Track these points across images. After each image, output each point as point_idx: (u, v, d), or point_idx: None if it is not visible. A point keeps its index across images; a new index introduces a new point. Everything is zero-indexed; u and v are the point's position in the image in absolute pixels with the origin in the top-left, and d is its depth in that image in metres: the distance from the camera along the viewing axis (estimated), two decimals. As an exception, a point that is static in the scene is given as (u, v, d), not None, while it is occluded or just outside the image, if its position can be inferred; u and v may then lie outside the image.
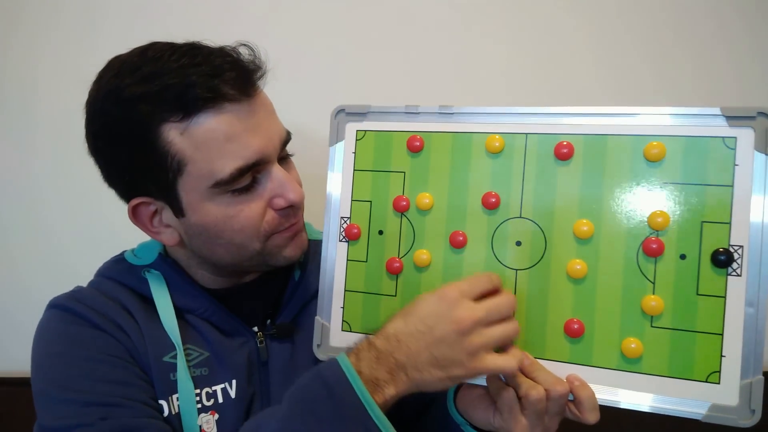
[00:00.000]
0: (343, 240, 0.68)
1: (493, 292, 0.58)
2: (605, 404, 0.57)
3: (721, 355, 0.55)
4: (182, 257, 0.71)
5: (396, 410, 0.78)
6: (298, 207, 0.66)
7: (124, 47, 0.64)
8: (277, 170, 0.64)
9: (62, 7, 1.14)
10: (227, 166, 0.59)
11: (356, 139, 0.68)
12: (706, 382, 0.55)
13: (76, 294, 0.68)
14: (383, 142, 0.67)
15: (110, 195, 0.67)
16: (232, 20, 1.12)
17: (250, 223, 0.63)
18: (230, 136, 0.59)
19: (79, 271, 0.77)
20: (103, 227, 1.15)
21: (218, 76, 0.58)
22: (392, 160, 0.66)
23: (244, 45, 0.64)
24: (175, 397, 0.64)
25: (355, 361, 0.54)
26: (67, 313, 0.65)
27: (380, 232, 0.66)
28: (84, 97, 0.64)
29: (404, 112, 0.66)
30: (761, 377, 0.53)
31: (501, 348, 0.57)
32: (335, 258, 0.68)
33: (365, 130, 0.68)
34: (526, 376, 0.57)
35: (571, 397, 0.57)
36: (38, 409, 0.61)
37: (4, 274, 1.18)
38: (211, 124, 0.59)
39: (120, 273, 0.70)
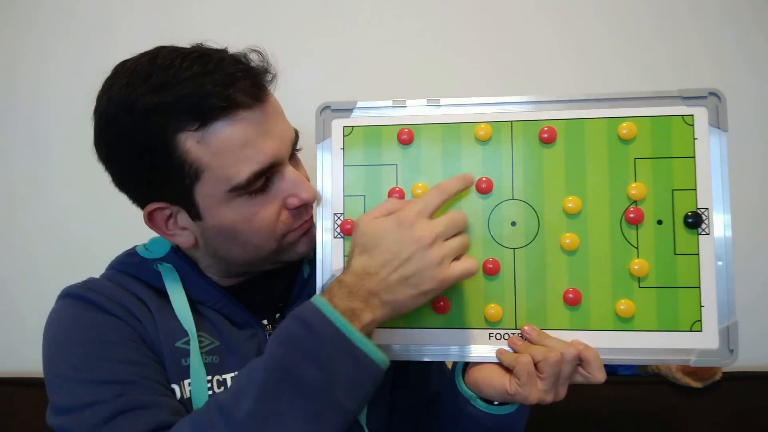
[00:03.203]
0: (339, 236, 0.68)
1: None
2: (607, 363, 0.62)
3: (701, 306, 0.62)
4: (194, 256, 0.73)
5: (404, 406, 0.79)
6: (311, 204, 0.67)
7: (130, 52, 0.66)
8: (289, 171, 0.66)
9: (74, 12, 1.21)
10: (244, 171, 0.61)
11: (344, 135, 0.68)
12: (691, 331, 0.62)
13: (89, 283, 0.68)
14: (372, 137, 0.68)
15: (124, 198, 0.68)
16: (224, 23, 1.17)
17: (266, 224, 0.65)
18: (245, 142, 0.61)
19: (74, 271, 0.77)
20: (112, 229, 1.19)
21: (232, 84, 0.60)
22: (383, 153, 0.68)
23: (255, 51, 0.65)
24: (186, 382, 0.65)
25: (329, 298, 0.56)
26: (80, 301, 0.66)
27: (377, 225, 0.67)
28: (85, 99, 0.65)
29: (392, 107, 0.68)
30: (736, 321, 0.61)
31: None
32: (331, 255, 0.67)
33: (353, 126, 0.68)
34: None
35: (578, 361, 0.61)
36: (51, 393, 0.62)
37: (6, 275, 1.22)
38: (227, 132, 0.60)
39: (132, 266, 0.71)
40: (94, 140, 0.64)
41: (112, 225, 1.18)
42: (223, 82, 0.59)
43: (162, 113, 0.59)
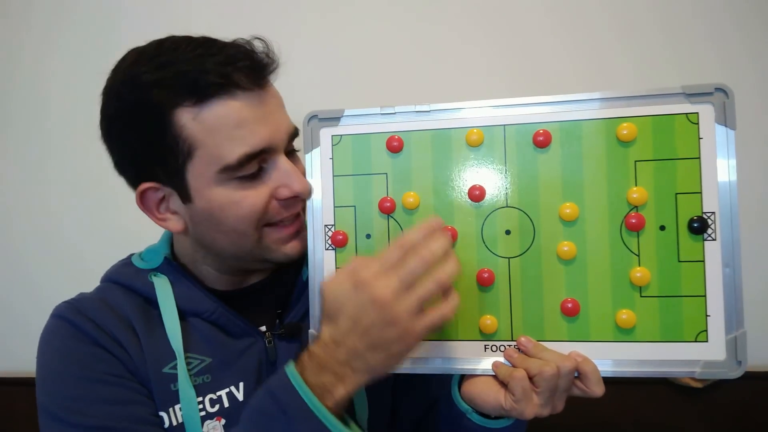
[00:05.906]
0: (330, 248, 0.67)
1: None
2: (607, 375, 0.60)
3: (706, 315, 0.59)
4: (188, 250, 0.72)
5: (405, 411, 0.79)
6: (303, 199, 0.66)
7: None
8: (283, 161, 0.65)
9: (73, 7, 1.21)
10: (235, 152, 0.61)
11: (332, 145, 0.67)
12: (696, 341, 0.59)
13: (79, 304, 0.68)
14: (361, 146, 0.66)
15: (121, 193, 0.69)
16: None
17: (253, 210, 0.63)
18: (240, 123, 0.61)
19: (88, 268, 0.79)
20: (111, 226, 1.20)
21: (232, 64, 0.60)
22: (372, 162, 0.66)
23: (258, 39, 0.65)
24: (177, 407, 0.65)
25: (300, 371, 0.54)
26: (68, 325, 0.65)
27: (368, 236, 0.66)
28: (90, 98, 0.67)
29: (380, 114, 0.66)
30: (744, 330, 0.58)
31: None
32: (323, 267, 0.67)
33: (341, 135, 0.67)
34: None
35: (575, 374, 0.59)
36: (41, 424, 0.62)
37: (9, 273, 1.22)
38: (222, 110, 0.60)
39: (126, 277, 0.70)
40: (99, 118, 0.66)
41: (109, 229, 1.19)
42: (223, 62, 0.60)
43: (162, 87, 0.60)
